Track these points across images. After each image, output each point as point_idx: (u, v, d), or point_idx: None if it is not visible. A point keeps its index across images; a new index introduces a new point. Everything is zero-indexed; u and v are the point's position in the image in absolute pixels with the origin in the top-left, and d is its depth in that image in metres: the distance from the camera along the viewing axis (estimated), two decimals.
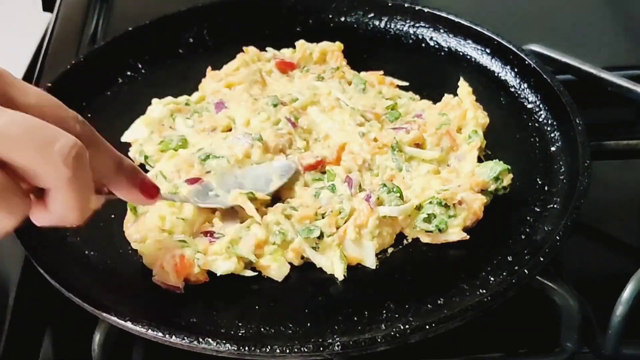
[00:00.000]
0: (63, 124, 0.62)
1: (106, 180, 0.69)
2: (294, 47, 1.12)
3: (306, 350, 0.72)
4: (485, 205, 0.88)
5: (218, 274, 0.81)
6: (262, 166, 0.91)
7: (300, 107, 1.00)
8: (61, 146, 0.59)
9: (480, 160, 0.94)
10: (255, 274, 0.83)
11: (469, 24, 1.13)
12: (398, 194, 0.87)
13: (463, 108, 0.99)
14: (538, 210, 0.89)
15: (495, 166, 0.90)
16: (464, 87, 1.03)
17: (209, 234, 0.84)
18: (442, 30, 1.15)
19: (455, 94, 1.03)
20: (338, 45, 1.11)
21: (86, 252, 0.84)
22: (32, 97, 0.62)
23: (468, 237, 0.86)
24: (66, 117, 0.64)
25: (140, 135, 0.98)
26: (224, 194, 0.88)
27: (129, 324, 0.74)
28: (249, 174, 0.91)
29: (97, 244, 0.85)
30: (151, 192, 0.72)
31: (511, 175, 0.90)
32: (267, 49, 1.12)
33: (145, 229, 0.85)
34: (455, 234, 0.85)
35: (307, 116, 0.99)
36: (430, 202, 0.86)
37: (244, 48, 1.10)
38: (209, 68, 1.07)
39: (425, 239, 0.87)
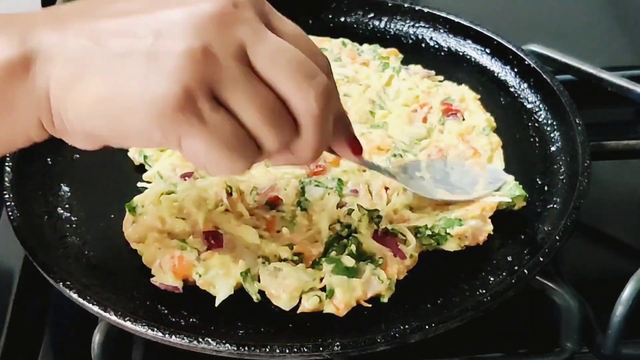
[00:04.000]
0: (313, 60, 0.64)
1: None
2: None
3: (306, 350, 0.72)
4: None
5: (217, 303, 0.79)
6: (472, 165, 0.91)
7: None
8: (317, 83, 0.62)
9: None
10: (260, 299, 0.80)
11: (468, 24, 1.13)
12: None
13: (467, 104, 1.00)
14: (538, 210, 0.89)
15: (515, 190, 0.88)
16: (469, 93, 1.03)
17: (211, 236, 0.84)
18: (442, 30, 1.15)
19: None
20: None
21: (86, 252, 0.84)
22: (289, 26, 0.67)
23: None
24: (317, 53, 0.67)
25: None
26: (430, 180, 0.87)
27: (129, 324, 0.74)
28: (457, 167, 0.90)
29: (97, 244, 0.85)
30: (358, 149, 0.74)
31: (524, 203, 0.89)
32: None
33: (144, 229, 0.85)
34: (454, 247, 0.84)
35: None
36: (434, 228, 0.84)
37: None
38: None
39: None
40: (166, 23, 0.60)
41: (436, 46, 1.15)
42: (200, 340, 0.72)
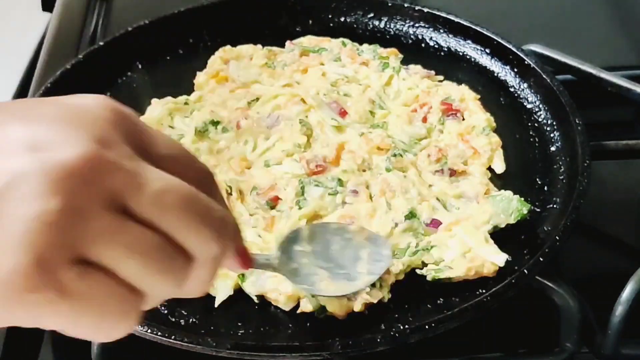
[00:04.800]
0: (197, 180, 0.54)
1: None
2: None
3: (306, 350, 0.72)
4: None
5: (216, 304, 0.79)
6: (355, 233, 0.81)
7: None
8: (213, 220, 0.52)
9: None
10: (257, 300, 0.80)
11: (468, 24, 1.13)
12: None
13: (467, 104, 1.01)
14: (538, 210, 0.89)
15: (521, 207, 0.86)
16: (469, 93, 1.03)
17: None
18: (442, 30, 1.15)
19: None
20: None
21: None
22: (162, 146, 0.54)
23: None
24: (199, 170, 0.56)
25: None
26: (311, 256, 0.77)
27: None
28: (340, 234, 0.80)
29: None
30: (247, 261, 0.61)
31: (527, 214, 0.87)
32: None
33: None
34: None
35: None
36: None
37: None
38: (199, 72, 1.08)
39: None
40: (10, 176, 0.46)
41: (436, 46, 1.15)
42: (200, 340, 0.72)
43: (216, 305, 0.79)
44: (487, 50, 1.11)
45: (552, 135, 0.99)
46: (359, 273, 0.77)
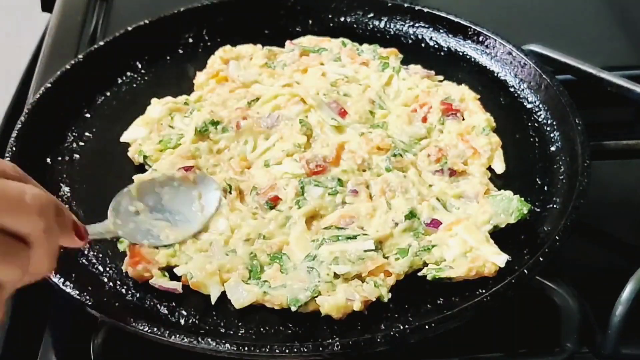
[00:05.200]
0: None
1: None
2: None
3: (306, 350, 0.72)
4: None
5: (212, 301, 0.79)
6: (182, 181, 0.82)
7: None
8: (31, 199, 0.58)
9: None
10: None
11: (468, 24, 1.13)
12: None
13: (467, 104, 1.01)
14: (538, 210, 0.89)
15: (521, 206, 0.86)
16: (468, 93, 1.03)
17: None
18: (441, 30, 1.15)
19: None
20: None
21: (86, 252, 0.84)
22: None
23: None
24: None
25: (139, 135, 0.98)
26: (145, 212, 0.79)
27: (128, 324, 0.74)
28: (167, 185, 0.82)
29: (97, 244, 0.85)
30: (82, 234, 0.68)
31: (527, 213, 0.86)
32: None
33: None
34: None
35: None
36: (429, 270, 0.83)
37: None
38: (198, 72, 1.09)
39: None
40: None
41: (436, 46, 1.15)
42: (200, 340, 0.72)
43: (213, 302, 0.79)
44: (487, 50, 1.11)
45: (552, 135, 0.99)
46: (194, 212, 0.81)
